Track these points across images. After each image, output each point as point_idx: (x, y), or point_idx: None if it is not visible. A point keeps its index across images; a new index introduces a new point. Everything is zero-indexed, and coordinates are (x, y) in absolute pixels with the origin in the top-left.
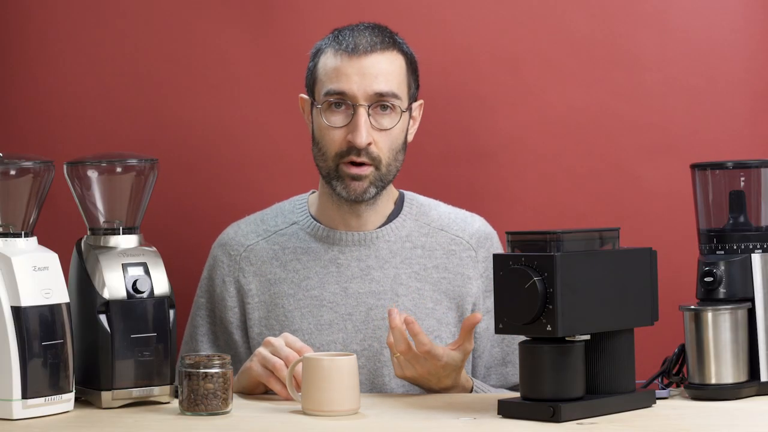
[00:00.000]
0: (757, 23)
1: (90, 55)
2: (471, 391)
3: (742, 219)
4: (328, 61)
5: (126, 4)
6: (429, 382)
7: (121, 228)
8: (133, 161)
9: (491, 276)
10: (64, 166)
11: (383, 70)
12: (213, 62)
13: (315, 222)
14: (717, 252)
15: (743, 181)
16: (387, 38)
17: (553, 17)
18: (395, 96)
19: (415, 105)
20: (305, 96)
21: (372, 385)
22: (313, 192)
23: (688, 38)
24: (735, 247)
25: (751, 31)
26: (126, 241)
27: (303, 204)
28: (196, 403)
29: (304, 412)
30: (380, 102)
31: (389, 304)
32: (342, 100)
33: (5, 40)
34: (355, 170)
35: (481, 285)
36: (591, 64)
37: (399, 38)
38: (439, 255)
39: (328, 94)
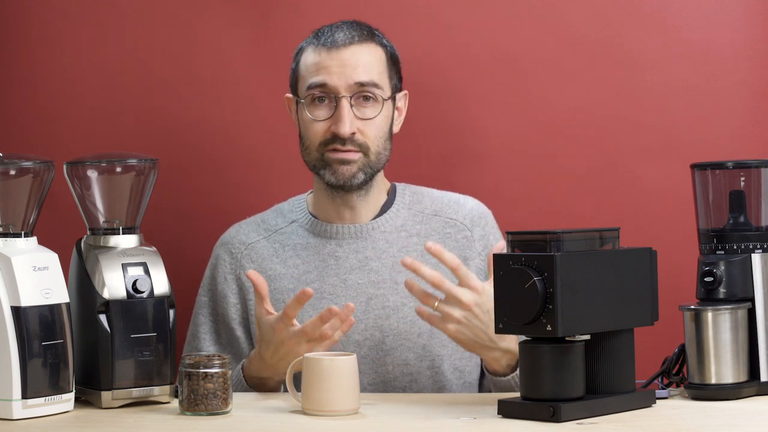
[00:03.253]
0: (757, 23)
1: (90, 55)
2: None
3: (742, 219)
4: (308, 57)
5: (126, 4)
6: (480, 323)
7: (120, 228)
8: (133, 161)
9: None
10: (64, 166)
11: (362, 61)
12: (213, 62)
13: (312, 218)
14: (717, 252)
15: (743, 181)
16: (365, 32)
17: (553, 17)
18: (376, 86)
19: (399, 95)
20: (290, 96)
21: (375, 374)
22: (311, 192)
23: (688, 38)
24: (735, 247)
25: (751, 31)
26: (126, 241)
27: (301, 203)
28: (196, 403)
29: (304, 412)
30: (362, 92)
31: (388, 293)
32: (324, 94)
33: (5, 40)
34: (341, 155)
35: (481, 264)
36: (591, 64)
37: (378, 33)
38: (436, 240)
39: (310, 87)
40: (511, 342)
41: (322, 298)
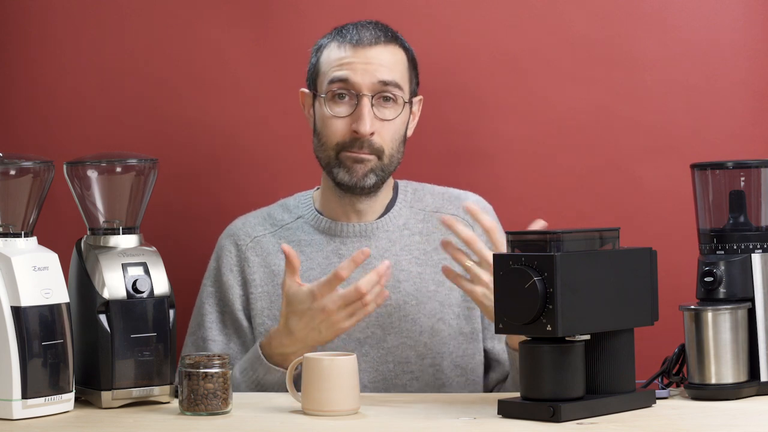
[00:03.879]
0: (757, 23)
1: (90, 55)
2: None
3: (742, 219)
4: (332, 53)
5: (126, 4)
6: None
7: (121, 228)
8: (133, 161)
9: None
10: (64, 166)
11: (387, 61)
12: (213, 62)
13: (318, 215)
14: (717, 252)
15: (743, 181)
16: (390, 33)
17: (553, 17)
18: (398, 86)
19: (415, 100)
20: (306, 90)
21: (377, 372)
22: (318, 188)
23: (688, 38)
24: (735, 247)
25: (751, 31)
26: (126, 241)
27: (308, 199)
28: (196, 403)
29: (304, 412)
30: (383, 92)
31: (390, 291)
32: (346, 90)
33: (5, 40)
34: (356, 154)
35: None
36: (591, 64)
37: (400, 36)
38: (438, 237)
39: (332, 82)
40: None
41: None
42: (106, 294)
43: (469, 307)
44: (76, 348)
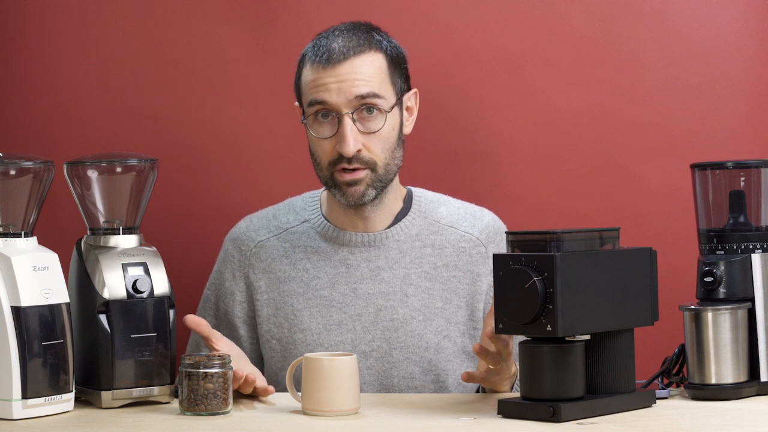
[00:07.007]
0: (757, 23)
1: (90, 55)
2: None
3: (742, 219)
4: (308, 74)
5: (126, 4)
6: (502, 372)
7: (121, 228)
8: (133, 161)
9: None
10: (64, 166)
11: (361, 74)
12: (213, 62)
13: (325, 222)
14: (717, 252)
15: (743, 181)
16: (362, 40)
17: (553, 17)
18: (377, 96)
19: (408, 95)
20: (297, 104)
21: (380, 386)
22: (326, 189)
23: (688, 38)
24: (735, 247)
25: (751, 31)
26: (126, 241)
27: (315, 202)
28: (196, 403)
29: (304, 412)
30: (363, 105)
31: (398, 305)
32: (326, 110)
33: (5, 40)
34: (348, 176)
35: (492, 281)
36: (591, 64)
37: (378, 35)
38: (449, 253)
39: (311, 105)
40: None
41: (331, 306)
42: (106, 294)
43: (475, 327)
44: (76, 348)
